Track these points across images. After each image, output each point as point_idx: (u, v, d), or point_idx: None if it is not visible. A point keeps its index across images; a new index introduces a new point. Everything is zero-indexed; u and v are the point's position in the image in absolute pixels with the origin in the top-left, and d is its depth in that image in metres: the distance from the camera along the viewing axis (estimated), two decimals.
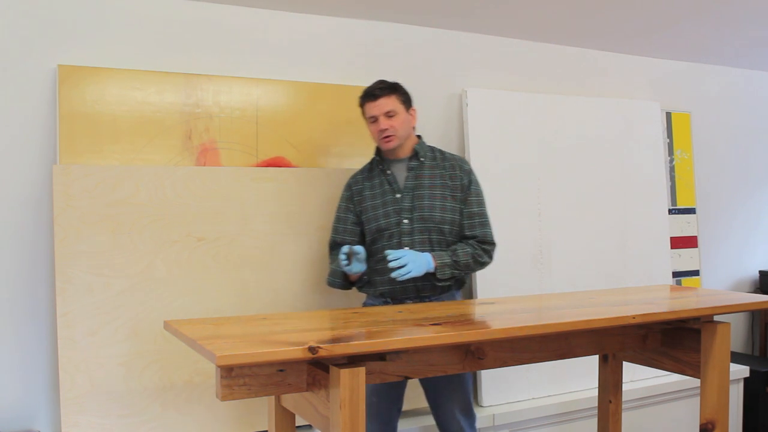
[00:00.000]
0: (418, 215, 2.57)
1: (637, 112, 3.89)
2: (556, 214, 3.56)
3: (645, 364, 2.63)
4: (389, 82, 2.63)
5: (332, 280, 2.68)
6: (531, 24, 3.46)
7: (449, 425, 2.62)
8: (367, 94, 2.62)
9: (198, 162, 2.86)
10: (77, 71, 2.69)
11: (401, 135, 2.60)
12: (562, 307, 2.46)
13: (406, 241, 2.55)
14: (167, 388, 2.66)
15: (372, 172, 2.70)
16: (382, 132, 2.58)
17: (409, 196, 2.59)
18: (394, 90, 2.61)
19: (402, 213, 2.58)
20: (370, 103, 2.60)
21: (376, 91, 2.59)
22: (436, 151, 2.71)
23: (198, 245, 2.75)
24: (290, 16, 3.12)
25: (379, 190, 2.64)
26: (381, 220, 2.60)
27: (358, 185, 2.70)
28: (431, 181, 2.61)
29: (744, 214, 4.50)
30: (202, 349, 1.68)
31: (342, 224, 2.69)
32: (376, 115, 2.58)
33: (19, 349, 2.65)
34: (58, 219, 2.55)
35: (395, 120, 2.58)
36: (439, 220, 2.57)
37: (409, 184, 2.61)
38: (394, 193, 2.61)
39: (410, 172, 2.63)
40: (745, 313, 4.51)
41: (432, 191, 2.60)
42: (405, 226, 2.57)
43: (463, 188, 2.63)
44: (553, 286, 3.50)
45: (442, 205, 2.58)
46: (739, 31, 3.69)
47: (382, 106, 2.57)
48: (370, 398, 2.56)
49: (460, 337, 1.93)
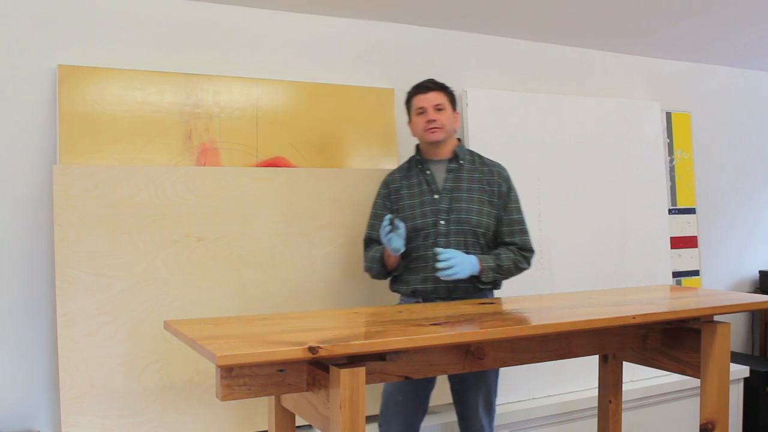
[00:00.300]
0: (455, 217, 2.57)
1: (637, 112, 3.89)
2: (556, 214, 3.56)
3: (645, 364, 2.63)
4: (439, 81, 2.67)
5: (369, 265, 2.67)
6: (531, 24, 3.46)
7: (472, 421, 2.63)
8: (419, 87, 2.66)
9: (198, 162, 2.86)
10: (77, 71, 2.69)
11: (447, 129, 2.63)
12: (562, 307, 2.46)
13: (441, 242, 2.56)
14: (167, 388, 2.66)
15: (410, 171, 2.70)
16: (430, 123, 2.60)
17: (447, 198, 2.60)
18: (444, 88, 2.66)
19: (439, 214, 2.58)
20: (421, 95, 2.63)
21: (429, 84, 2.64)
22: (475, 155, 2.72)
23: (198, 245, 2.75)
24: (290, 16, 3.12)
25: (417, 190, 2.65)
26: (417, 220, 2.60)
27: (396, 183, 2.70)
28: (469, 185, 2.63)
29: (744, 214, 4.50)
30: (202, 349, 1.68)
31: (379, 221, 2.66)
32: (425, 106, 2.61)
33: (19, 349, 2.65)
34: (58, 219, 2.55)
35: (443, 114, 2.62)
36: (476, 223, 2.58)
37: (447, 185, 2.62)
38: (432, 193, 2.62)
39: (449, 173, 2.64)
40: (745, 313, 4.51)
41: (470, 194, 2.61)
42: (441, 227, 2.57)
43: (501, 195, 2.65)
44: (553, 286, 3.50)
45: (479, 209, 2.59)
46: (739, 31, 3.69)
47: (432, 99, 2.61)
48: (395, 396, 2.57)
49: (460, 337, 1.93)
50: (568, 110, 3.67)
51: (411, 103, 2.68)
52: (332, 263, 2.97)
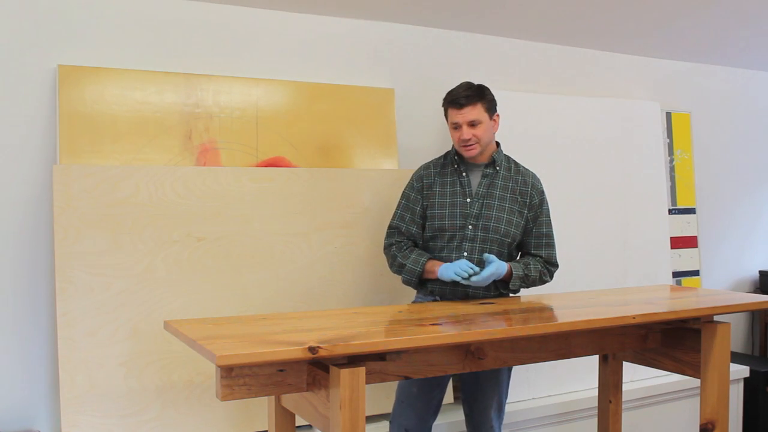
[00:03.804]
0: (483, 224, 2.54)
1: (637, 112, 3.89)
2: (555, 214, 3.54)
3: (645, 364, 2.63)
4: (475, 87, 2.55)
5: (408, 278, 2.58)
6: (531, 24, 3.46)
7: (482, 422, 2.60)
8: (452, 101, 2.54)
9: (198, 162, 2.86)
10: (77, 71, 2.69)
11: (483, 143, 2.55)
12: (562, 307, 2.47)
13: (466, 246, 2.53)
14: (167, 388, 2.66)
15: (445, 168, 2.64)
16: (465, 141, 2.52)
17: (478, 203, 2.56)
18: (479, 98, 2.52)
19: (468, 218, 2.55)
20: (454, 110, 2.53)
21: (462, 99, 2.51)
22: (512, 162, 2.68)
23: (198, 245, 2.75)
24: (290, 16, 3.12)
25: (449, 189, 2.60)
26: (446, 221, 2.56)
27: (430, 179, 2.64)
28: (502, 193, 2.59)
29: (744, 214, 4.50)
30: (202, 349, 1.68)
31: (410, 214, 2.63)
32: (459, 122, 2.52)
33: (20, 349, 2.65)
34: (58, 219, 2.55)
35: (478, 129, 2.52)
36: (503, 232, 2.55)
37: (481, 191, 2.58)
38: (465, 197, 2.58)
39: (484, 179, 2.59)
40: (745, 313, 4.51)
41: (501, 203, 2.57)
42: (469, 231, 2.54)
43: (533, 207, 2.62)
44: (553, 286, 3.49)
45: (508, 218, 2.56)
46: (739, 31, 3.69)
47: (466, 115, 2.51)
48: (409, 389, 2.55)
49: (460, 337, 1.93)
50: (568, 110, 3.67)
51: (446, 113, 2.59)
52: (332, 263, 2.97)
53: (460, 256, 2.53)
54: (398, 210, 2.68)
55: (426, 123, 3.40)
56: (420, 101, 3.38)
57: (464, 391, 2.66)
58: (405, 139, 3.28)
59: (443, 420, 2.99)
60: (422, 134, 3.35)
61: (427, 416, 2.59)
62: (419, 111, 3.38)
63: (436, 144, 3.36)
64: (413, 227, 2.62)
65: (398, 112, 3.28)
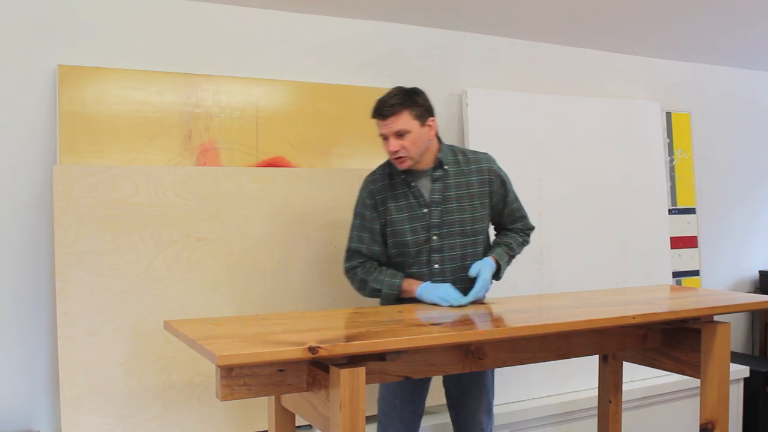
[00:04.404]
0: (448, 231, 2.43)
1: (637, 112, 3.89)
2: (556, 214, 3.56)
3: (645, 364, 2.63)
4: (403, 92, 2.38)
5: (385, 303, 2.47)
6: (531, 24, 3.46)
7: (470, 426, 2.54)
8: (376, 111, 2.38)
9: (198, 162, 2.86)
10: (77, 71, 2.69)
11: (415, 154, 2.38)
12: (562, 307, 2.47)
13: (435, 258, 2.43)
14: (167, 388, 2.66)
15: (393, 179, 2.49)
16: (393, 154, 2.38)
17: (437, 211, 2.43)
18: (406, 105, 2.35)
19: (431, 229, 2.42)
20: (379, 121, 2.37)
21: (385, 110, 2.34)
22: (458, 154, 2.52)
23: (198, 245, 2.75)
24: (290, 16, 3.12)
25: (404, 203, 2.45)
26: (408, 236, 2.43)
27: (381, 194, 2.49)
28: (458, 192, 2.45)
29: (744, 214, 4.50)
30: (202, 349, 1.68)
31: (369, 233, 2.48)
32: (385, 134, 2.37)
33: (20, 349, 2.65)
34: (58, 219, 2.55)
35: (407, 140, 2.35)
36: (471, 233, 2.45)
37: (435, 197, 2.44)
38: (421, 207, 2.44)
39: (435, 183, 2.45)
40: (745, 313, 4.51)
41: (460, 204, 2.44)
42: (435, 242, 2.42)
43: (495, 191, 2.51)
44: (553, 286, 3.50)
45: (472, 217, 2.45)
46: (739, 31, 3.69)
47: (391, 126, 2.35)
48: (392, 401, 2.50)
49: (460, 337, 1.93)
50: (568, 110, 3.67)
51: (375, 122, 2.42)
52: (332, 263, 2.97)
53: (432, 270, 2.43)
54: (354, 231, 2.52)
55: None
56: None
57: (449, 397, 2.59)
58: None
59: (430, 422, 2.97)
60: None
61: (413, 425, 2.55)
62: None
63: None
64: (375, 246, 2.48)
65: None
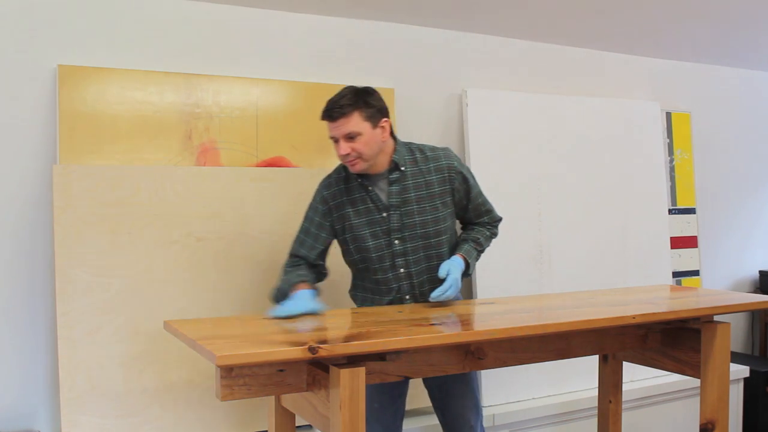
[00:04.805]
0: (409, 234, 2.36)
1: (637, 112, 3.89)
2: (556, 214, 3.56)
3: (645, 364, 2.63)
4: (354, 93, 2.29)
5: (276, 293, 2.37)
6: (531, 24, 3.46)
7: (458, 426, 2.49)
8: (325, 113, 2.28)
9: (198, 162, 2.86)
10: (77, 71, 2.69)
11: (367, 156, 2.28)
12: (562, 307, 2.46)
13: (400, 262, 2.37)
14: (167, 389, 2.66)
15: (350, 183, 2.40)
16: (344, 157, 2.29)
17: (396, 214, 2.35)
18: (356, 106, 2.25)
19: (392, 234, 2.36)
20: (329, 123, 2.28)
21: (334, 111, 2.24)
22: (416, 152, 2.43)
23: (198, 245, 2.75)
24: (290, 16, 3.12)
25: (362, 207, 2.37)
26: (369, 242, 2.37)
27: (336, 199, 2.41)
28: (417, 193, 2.37)
29: (744, 214, 4.50)
30: (202, 349, 1.68)
31: (311, 239, 2.40)
32: (335, 136, 2.28)
33: (19, 349, 2.65)
34: (58, 219, 2.55)
35: (358, 142, 2.25)
36: (434, 234, 2.38)
37: (393, 201, 2.35)
38: (380, 212, 2.36)
39: (392, 186, 2.36)
40: (745, 313, 4.51)
41: (420, 205, 2.37)
42: (397, 247, 2.37)
43: (457, 189, 2.43)
44: (553, 286, 3.50)
45: (434, 218, 2.38)
46: (739, 31, 3.69)
47: (340, 128, 2.25)
48: (371, 404, 2.44)
49: (460, 337, 1.93)
50: (568, 110, 3.67)
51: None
52: (332, 263, 2.96)
53: (397, 274, 2.38)
54: (300, 233, 2.44)
55: (426, 123, 3.40)
56: (420, 101, 3.39)
57: (434, 399, 2.54)
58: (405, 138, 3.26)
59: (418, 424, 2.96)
60: (422, 134, 3.35)
61: (394, 427, 2.52)
62: (419, 111, 3.38)
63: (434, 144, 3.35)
64: (313, 253, 2.40)
65: (398, 112, 3.28)
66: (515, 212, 3.43)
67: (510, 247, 3.38)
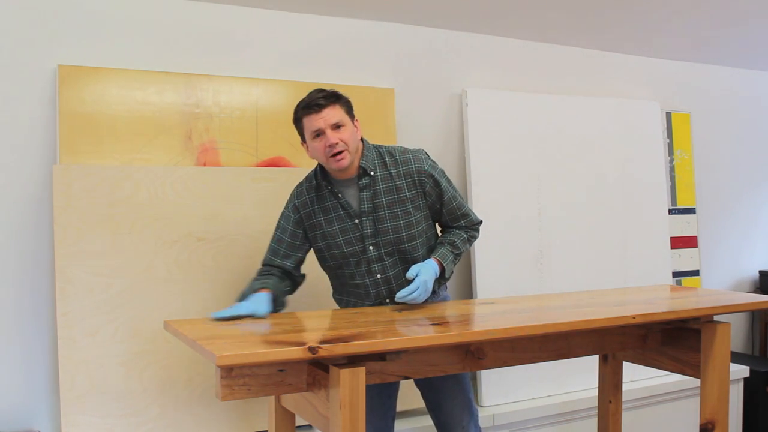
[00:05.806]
0: (384, 240, 2.34)
1: (637, 112, 3.89)
2: (556, 214, 3.56)
3: (645, 364, 2.63)
4: (329, 90, 2.30)
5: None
6: (531, 24, 3.46)
7: (452, 426, 2.48)
8: (308, 106, 2.26)
9: (198, 162, 2.86)
10: (77, 71, 2.69)
11: (352, 149, 2.28)
12: (562, 307, 2.47)
13: (376, 268, 2.35)
14: (167, 388, 2.66)
15: (321, 191, 2.38)
16: (332, 147, 2.23)
17: (368, 220, 2.33)
18: (338, 99, 2.28)
19: (365, 240, 2.34)
20: (313, 115, 2.24)
21: (320, 101, 2.24)
22: (385, 155, 2.38)
23: (198, 245, 2.75)
24: (290, 16, 3.12)
25: (334, 215, 2.36)
26: (344, 248, 2.35)
27: (307, 207, 2.39)
28: (389, 198, 2.34)
29: (744, 214, 4.50)
30: (202, 349, 1.68)
31: (285, 248, 2.40)
32: (321, 128, 2.23)
33: (20, 349, 2.65)
34: (58, 219, 2.55)
35: (344, 132, 2.25)
36: (408, 238, 2.35)
37: (365, 207, 2.33)
38: (352, 218, 2.34)
39: (363, 192, 2.33)
40: (745, 313, 4.51)
41: (392, 210, 2.34)
42: (372, 253, 2.34)
43: (429, 192, 2.38)
44: (553, 286, 3.50)
45: (407, 222, 2.35)
46: (739, 31, 3.69)
47: (328, 118, 2.24)
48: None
49: (460, 337, 1.93)
50: (568, 110, 3.67)
51: (302, 124, 2.29)
52: None
53: (375, 280, 2.37)
54: (272, 242, 2.44)
55: (426, 123, 3.40)
56: (420, 101, 3.39)
57: (426, 400, 2.53)
58: (405, 139, 3.27)
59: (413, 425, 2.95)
60: (422, 134, 3.35)
61: (386, 428, 2.51)
62: (419, 111, 3.38)
63: (436, 144, 3.36)
64: (288, 262, 2.40)
65: (398, 112, 3.28)
66: (515, 212, 3.44)
67: (510, 247, 3.39)
